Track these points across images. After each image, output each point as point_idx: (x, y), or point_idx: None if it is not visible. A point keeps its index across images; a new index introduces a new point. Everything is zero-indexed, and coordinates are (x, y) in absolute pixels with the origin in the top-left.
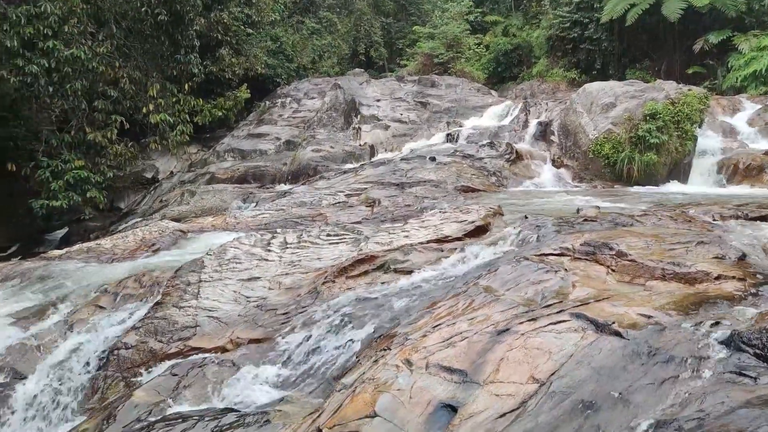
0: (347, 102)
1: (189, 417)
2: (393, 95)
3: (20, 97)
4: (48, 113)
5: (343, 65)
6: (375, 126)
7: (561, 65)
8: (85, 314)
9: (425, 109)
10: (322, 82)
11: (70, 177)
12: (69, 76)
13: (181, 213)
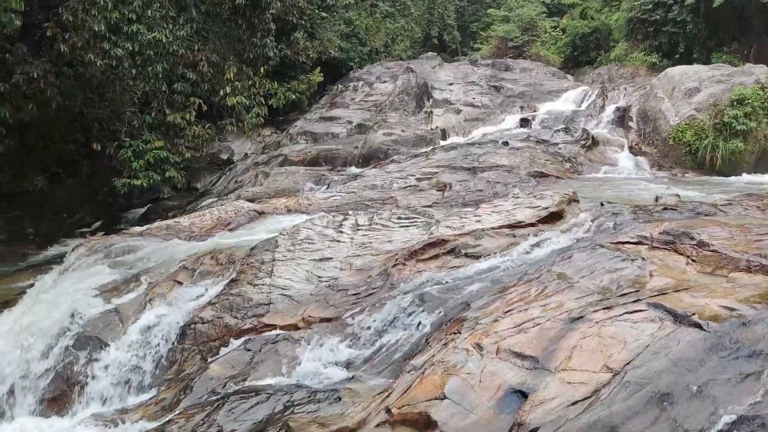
0: (419, 86)
1: (262, 391)
2: (466, 79)
3: (106, 80)
4: (130, 95)
5: (415, 49)
6: (447, 110)
7: (641, 49)
8: (165, 289)
9: (498, 93)
10: (394, 66)
11: (151, 157)
12: (151, 59)
13: (255, 194)
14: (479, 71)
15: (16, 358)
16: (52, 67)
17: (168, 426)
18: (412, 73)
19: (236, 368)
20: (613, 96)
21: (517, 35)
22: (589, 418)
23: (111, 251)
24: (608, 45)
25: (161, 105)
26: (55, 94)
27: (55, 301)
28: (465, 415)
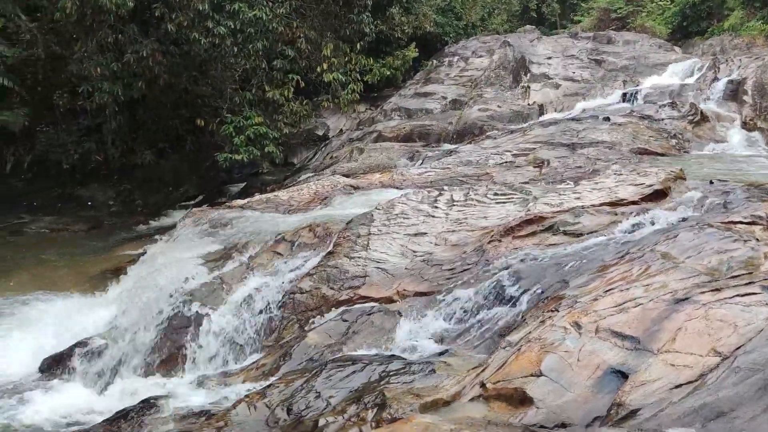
0: (516, 60)
1: (358, 360)
2: (565, 53)
3: (209, 58)
4: (232, 72)
5: (512, 22)
6: (545, 85)
7: (759, 17)
8: (265, 259)
9: (600, 67)
10: (490, 40)
11: (251, 132)
12: (252, 36)
13: (350, 169)
14: (579, 44)
15: (129, 321)
16: (159, 46)
17: (269, 390)
18: (509, 47)
19: (333, 337)
20: (725, 68)
21: (621, 6)
22: (693, 402)
23: (215, 222)
24: (721, 14)
25: (261, 82)
26: (162, 72)
27: (163, 269)
28: (561, 392)
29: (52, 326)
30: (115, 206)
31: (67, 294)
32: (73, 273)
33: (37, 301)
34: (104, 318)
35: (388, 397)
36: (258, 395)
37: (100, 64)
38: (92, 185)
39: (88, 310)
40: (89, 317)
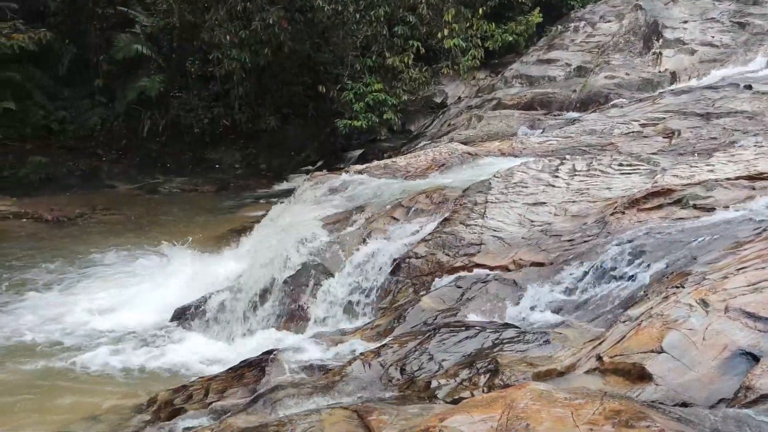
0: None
1: (471, 326)
2: (704, 15)
3: (331, 25)
4: (353, 39)
5: None
6: (679, 50)
7: None
8: (381, 224)
9: (743, 30)
10: (620, 4)
11: (370, 99)
12: (373, 3)
13: (468, 137)
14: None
15: (253, 278)
16: (285, 14)
17: (383, 350)
18: (641, 10)
19: (446, 303)
20: None
21: None
22: None
23: (334, 187)
24: None
25: (381, 49)
26: (287, 39)
27: (285, 230)
28: (684, 371)
29: (182, 279)
30: (240, 169)
31: (197, 250)
32: (201, 230)
33: (170, 254)
34: (230, 274)
35: (501, 363)
36: (372, 354)
37: (229, 32)
38: (220, 148)
39: (216, 266)
40: (216, 272)
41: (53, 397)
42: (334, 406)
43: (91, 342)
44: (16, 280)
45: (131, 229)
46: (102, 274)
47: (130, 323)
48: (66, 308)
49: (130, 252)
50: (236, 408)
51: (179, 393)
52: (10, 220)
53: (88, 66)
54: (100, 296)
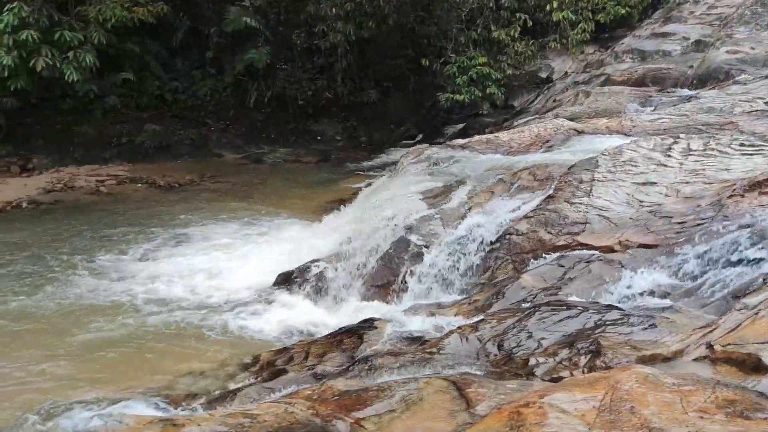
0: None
1: (573, 306)
2: None
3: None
4: (457, 12)
5: None
6: None
7: None
8: (482, 199)
9: None
10: None
11: (474, 73)
12: None
13: (574, 113)
14: None
15: (352, 248)
16: None
17: (481, 324)
18: None
19: (547, 281)
20: None
21: None
22: None
23: (435, 160)
24: None
25: (487, 21)
26: (392, 11)
27: (385, 202)
28: None
29: (285, 246)
30: (341, 141)
31: (298, 218)
32: (303, 200)
33: (273, 222)
34: (330, 243)
35: (603, 345)
36: (470, 328)
37: (335, 5)
38: (322, 120)
39: (317, 235)
40: (317, 241)
41: (161, 354)
42: (431, 376)
43: (198, 303)
44: (130, 241)
45: (237, 197)
46: (209, 239)
47: (235, 286)
48: (174, 270)
49: (235, 218)
50: (335, 372)
51: (281, 355)
52: (126, 184)
53: (200, 38)
54: (207, 260)
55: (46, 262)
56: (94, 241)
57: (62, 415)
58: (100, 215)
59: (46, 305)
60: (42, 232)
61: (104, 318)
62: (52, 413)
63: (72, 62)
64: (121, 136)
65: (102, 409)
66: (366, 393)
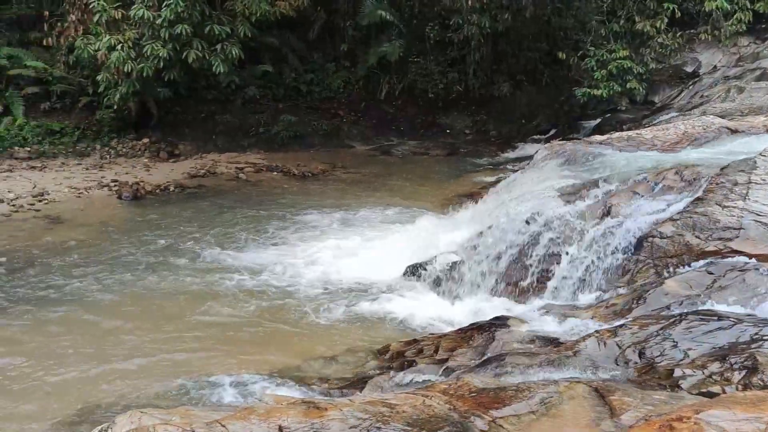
0: None
1: (725, 317)
2: None
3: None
4: (597, 3)
5: None
6: None
7: None
8: (623, 198)
9: None
10: None
11: (613, 67)
12: None
13: (725, 110)
14: None
15: (483, 244)
16: None
17: (620, 330)
18: None
19: (694, 289)
20: None
21: None
22: None
23: (571, 157)
24: None
25: (631, 12)
26: (529, 3)
27: (519, 198)
28: None
29: (413, 237)
30: (470, 135)
31: (426, 210)
32: (431, 193)
33: (401, 213)
34: (459, 237)
35: (761, 362)
36: (609, 333)
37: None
38: (452, 114)
39: (445, 228)
40: (446, 234)
41: (291, 337)
42: (571, 380)
43: (327, 289)
44: (264, 226)
45: (366, 188)
46: (339, 227)
47: (364, 275)
48: (305, 256)
49: (364, 208)
50: (465, 368)
51: (410, 346)
52: (263, 172)
53: (335, 31)
54: (337, 247)
55: (186, 242)
56: (233, 225)
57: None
58: (239, 200)
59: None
60: (187, 214)
61: (236, 299)
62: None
63: (219, 55)
64: (259, 126)
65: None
66: (504, 392)
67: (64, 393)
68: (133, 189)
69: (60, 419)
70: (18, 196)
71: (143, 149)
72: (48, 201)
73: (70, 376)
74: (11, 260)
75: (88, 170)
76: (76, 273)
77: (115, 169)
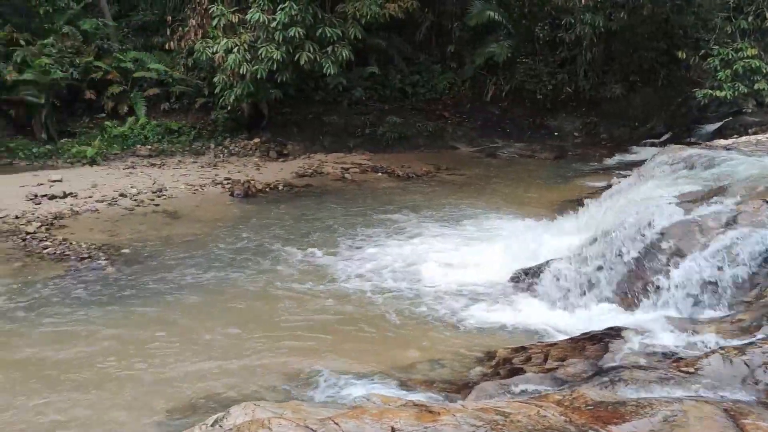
0: None
1: None
2: None
3: None
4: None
5: None
6: None
7: None
8: (751, 207)
9: None
10: None
11: (739, 67)
12: None
13: None
14: None
15: (595, 251)
16: None
17: (750, 348)
18: None
19: None
20: None
21: None
22: None
23: (692, 162)
24: None
25: (760, 8)
26: (646, 0)
27: (633, 204)
28: None
29: (519, 242)
30: (579, 137)
31: (532, 215)
32: (537, 197)
33: (506, 216)
34: (568, 243)
35: None
36: (736, 351)
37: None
38: (560, 115)
39: (553, 233)
40: (554, 240)
41: (395, 338)
42: (698, 399)
43: (430, 292)
44: (369, 226)
45: (471, 190)
46: (442, 230)
47: (469, 279)
48: (408, 258)
49: (469, 211)
50: (576, 379)
51: (518, 353)
52: (368, 173)
53: (442, 33)
54: (441, 250)
55: (296, 240)
56: (338, 225)
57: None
58: (344, 200)
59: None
60: (295, 213)
61: (341, 298)
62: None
63: (330, 56)
64: (365, 127)
65: (343, 385)
66: (623, 407)
67: (173, 384)
68: (244, 187)
69: (171, 408)
70: (139, 192)
71: (254, 149)
72: (166, 197)
73: (178, 369)
74: (134, 252)
75: (203, 168)
76: (190, 267)
77: (227, 168)
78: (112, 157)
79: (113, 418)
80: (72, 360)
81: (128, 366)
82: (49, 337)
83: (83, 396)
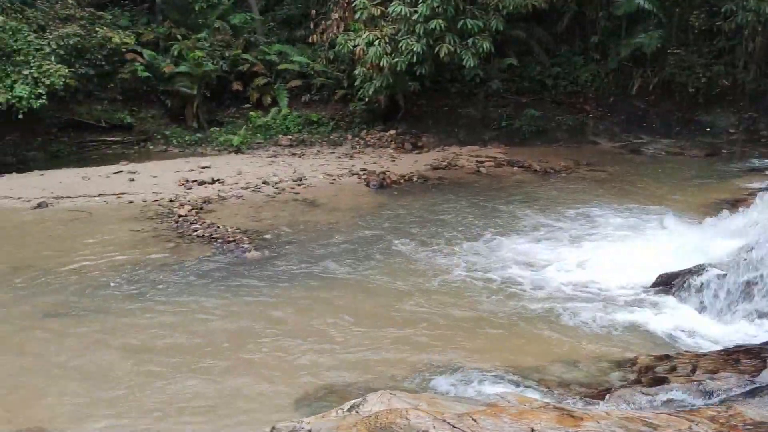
0: None
1: None
2: None
3: None
4: None
5: None
6: None
7: None
8: None
9: None
10: None
11: None
12: None
13: None
14: None
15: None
16: None
17: None
18: None
19: None
20: None
21: None
22: None
23: None
24: None
25: None
26: None
27: None
28: None
29: (664, 244)
30: (736, 134)
31: (679, 216)
32: (686, 196)
33: (650, 217)
34: (721, 247)
35: None
36: None
37: None
38: (714, 110)
39: (703, 237)
40: (703, 243)
41: (532, 337)
42: None
43: (567, 292)
44: (504, 223)
45: (613, 188)
46: (581, 229)
47: (608, 281)
48: (545, 257)
49: (610, 210)
50: (727, 394)
51: (662, 362)
52: (504, 167)
53: (584, 23)
54: (579, 250)
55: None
56: (473, 219)
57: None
58: (479, 195)
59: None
60: (429, 206)
61: (478, 294)
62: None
63: (470, 49)
64: (501, 120)
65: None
66: None
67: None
68: (379, 178)
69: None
70: (281, 180)
71: (389, 140)
72: (305, 185)
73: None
74: (275, 237)
75: (340, 158)
76: (326, 257)
77: (363, 159)
78: (255, 145)
79: (259, 392)
80: (218, 331)
81: (267, 347)
82: (199, 310)
83: (216, 362)
